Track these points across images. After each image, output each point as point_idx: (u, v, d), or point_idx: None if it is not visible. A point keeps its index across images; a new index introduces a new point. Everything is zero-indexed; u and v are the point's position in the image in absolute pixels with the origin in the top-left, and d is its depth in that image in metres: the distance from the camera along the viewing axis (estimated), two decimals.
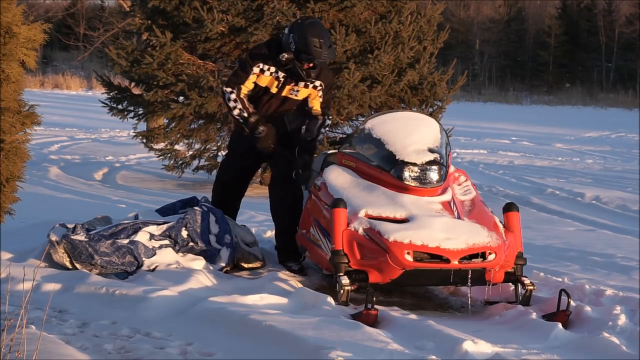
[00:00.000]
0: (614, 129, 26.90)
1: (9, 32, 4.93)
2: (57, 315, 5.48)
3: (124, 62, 11.99)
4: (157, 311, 5.55)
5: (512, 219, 6.28)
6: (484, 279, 5.99)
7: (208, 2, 11.64)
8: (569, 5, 52.00)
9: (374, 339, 4.86)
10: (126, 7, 17.29)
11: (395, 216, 6.06)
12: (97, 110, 17.96)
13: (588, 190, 12.79)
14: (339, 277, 5.90)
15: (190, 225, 6.68)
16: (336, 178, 6.51)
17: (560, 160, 18.46)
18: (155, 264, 6.47)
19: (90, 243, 6.43)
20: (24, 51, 4.99)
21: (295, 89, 6.89)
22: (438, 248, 5.80)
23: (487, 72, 51.21)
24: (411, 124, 6.62)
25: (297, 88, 6.88)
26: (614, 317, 5.53)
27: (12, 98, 4.97)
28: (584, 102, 42.02)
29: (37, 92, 33.82)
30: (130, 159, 16.17)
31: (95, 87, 34.92)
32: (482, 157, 18.47)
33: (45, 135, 18.84)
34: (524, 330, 5.45)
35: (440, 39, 12.42)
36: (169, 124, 12.75)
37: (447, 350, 4.82)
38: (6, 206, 5.10)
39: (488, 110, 36.32)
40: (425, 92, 12.11)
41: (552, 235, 9.33)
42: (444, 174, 6.38)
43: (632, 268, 7.54)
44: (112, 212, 7.81)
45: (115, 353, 4.80)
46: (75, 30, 38.90)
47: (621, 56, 49.10)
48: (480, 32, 52.11)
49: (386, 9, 12.05)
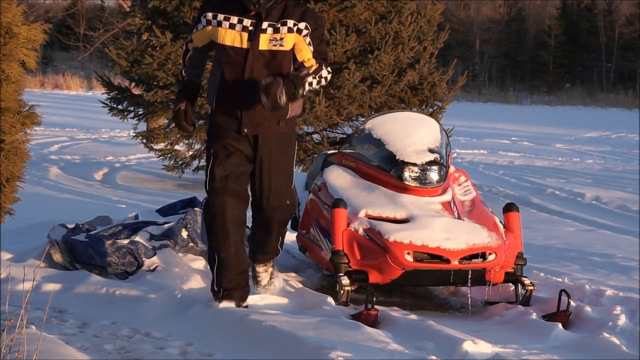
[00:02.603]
0: (614, 129, 26.89)
1: (9, 32, 4.93)
2: (57, 315, 5.48)
3: (124, 62, 12.00)
4: (157, 311, 5.55)
5: (512, 219, 6.28)
6: (484, 279, 5.99)
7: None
8: (569, 5, 51.99)
9: (374, 339, 4.86)
10: (126, 7, 17.30)
11: (396, 216, 6.06)
12: (97, 111, 17.96)
13: (588, 191, 12.78)
14: (339, 277, 5.90)
15: (191, 225, 6.68)
16: (336, 178, 6.51)
17: (560, 160, 18.45)
18: (155, 264, 6.47)
19: (90, 243, 6.43)
20: (24, 51, 4.99)
21: (278, 37, 5.22)
22: (438, 248, 5.80)
23: (487, 72, 51.19)
24: (411, 124, 6.62)
25: (279, 35, 5.22)
26: (614, 317, 5.52)
27: (12, 98, 4.97)
28: (584, 102, 42.01)
29: (37, 92, 33.81)
30: (130, 159, 16.16)
31: (96, 87, 34.90)
32: (482, 157, 18.46)
33: (45, 136, 18.83)
34: (524, 330, 5.45)
35: (440, 39, 12.42)
36: (169, 124, 12.75)
37: (447, 350, 4.82)
38: (6, 206, 5.10)
39: (488, 110, 36.30)
40: (426, 92, 12.11)
41: (552, 236, 9.32)
42: (444, 174, 6.38)
43: (632, 268, 7.53)
44: (112, 212, 7.81)
45: (115, 353, 4.80)
46: (76, 30, 38.88)
47: (621, 56, 49.08)
48: (480, 32, 52.09)
49: (386, 9, 12.05)
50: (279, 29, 5.21)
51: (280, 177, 5.42)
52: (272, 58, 5.24)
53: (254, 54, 5.22)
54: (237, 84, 5.23)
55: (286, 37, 5.22)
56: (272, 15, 5.23)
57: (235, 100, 5.28)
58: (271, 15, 5.23)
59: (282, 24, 5.22)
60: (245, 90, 5.22)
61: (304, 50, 5.28)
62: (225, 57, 5.26)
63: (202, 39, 5.39)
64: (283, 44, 5.22)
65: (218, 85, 5.33)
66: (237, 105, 5.28)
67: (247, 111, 5.26)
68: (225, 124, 5.35)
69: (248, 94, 5.21)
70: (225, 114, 5.33)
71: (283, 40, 5.21)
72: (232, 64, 5.25)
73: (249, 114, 5.27)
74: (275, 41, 5.21)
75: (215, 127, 5.40)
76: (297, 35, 5.25)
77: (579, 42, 50.24)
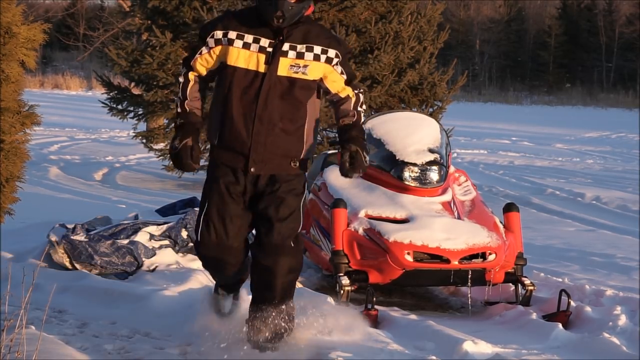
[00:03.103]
0: (614, 129, 26.88)
1: (9, 32, 4.93)
2: (57, 315, 5.47)
3: (124, 62, 12.00)
4: (157, 311, 5.55)
5: (512, 219, 6.28)
6: (484, 279, 5.99)
7: (208, 2, 11.65)
8: (569, 5, 51.98)
9: (374, 339, 4.86)
10: (126, 7, 17.29)
11: (395, 216, 6.06)
12: (97, 111, 17.95)
13: (588, 191, 12.78)
14: (339, 277, 5.90)
15: (191, 225, 6.68)
16: (336, 178, 6.50)
17: (560, 160, 18.45)
18: (155, 264, 6.47)
19: (90, 243, 6.43)
20: (24, 51, 4.98)
21: (301, 64, 4.47)
22: (438, 248, 5.80)
23: (487, 72, 51.19)
24: (411, 124, 6.62)
25: (303, 62, 4.48)
26: (614, 317, 5.53)
27: (12, 98, 4.97)
28: (584, 102, 42.01)
29: (37, 92, 33.80)
30: (130, 159, 16.16)
31: (95, 87, 34.89)
32: (482, 157, 18.46)
33: (45, 136, 18.83)
34: (524, 330, 5.45)
35: (440, 39, 12.43)
36: (169, 124, 12.75)
37: (447, 350, 4.82)
38: (6, 206, 5.09)
39: (488, 110, 36.30)
40: (426, 92, 12.12)
41: (552, 236, 9.32)
42: (444, 174, 6.38)
43: (632, 268, 7.53)
44: (112, 212, 7.81)
45: (115, 353, 4.79)
46: (75, 30, 38.89)
47: (621, 56, 49.07)
48: (480, 32, 52.09)
49: (386, 9, 12.06)
50: (303, 55, 4.45)
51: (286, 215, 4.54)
52: (289, 87, 4.45)
53: (271, 79, 4.43)
54: (248, 114, 4.44)
55: (311, 65, 4.47)
56: (294, 36, 4.46)
57: (244, 134, 4.46)
58: (292, 36, 4.46)
59: (307, 49, 4.46)
60: (257, 122, 4.44)
61: (337, 81, 4.58)
62: (237, 82, 4.45)
63: (210, 64, 4.56)
64: (306, 72, 4.45)
65: (223, 116, 4.50)
66: (245, 139, 4.47)
67: (257, 148, 4.47)
68: (229, 161, 4.54)
69: (260, 126, 4.45)
70: (231, 150, 4.52)
71: (307, 68, 4.45)
72: (244, 90, 4.45)
73: (258, 151, 4.47)
74: (297, 68, 4.44)
75: (216, 165, 4.60)
76: (327, 66, 4.52)
77: (579, 42, 50.24)
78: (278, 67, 4.43)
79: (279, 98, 4.45)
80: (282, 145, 4.50)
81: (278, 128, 4.47)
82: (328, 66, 4.53)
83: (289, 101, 4.47)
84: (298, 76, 4.45)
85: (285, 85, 4.45)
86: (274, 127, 4.45)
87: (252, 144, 4.46)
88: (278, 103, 4.45)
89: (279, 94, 4.45)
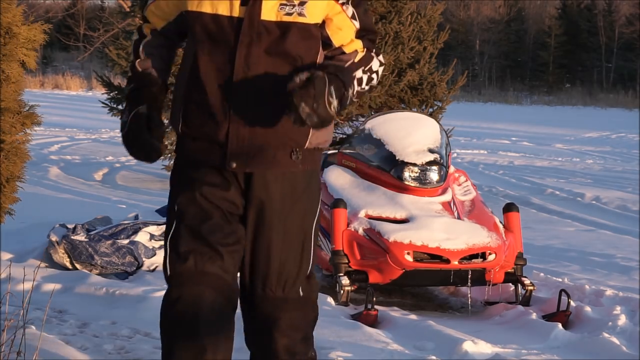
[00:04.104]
0: (614, 129, 26.88)
1: (9, 32, 4.93)
2: (57, 315, 5.48)
3: (124, 62, 12.01)
4: (157, 311, 5.50)
5: (512, 219, 6.29)
6: (484, 279, 5.99)
7: None
8: (569, 5, 52.02)
9: (374, 339, 4.87)
10: (126, 7, 17.29)
11: (395, 216, 6.06)
12: (97, 111, 17.96)
13: (588, 191, 12.78)
14: (339, 277, 5.90)
15: None
16: (336, 178, 6.51)
17: (560, 160, 18.45)
18: (155, 264, 6.47)
19: (90, 243, 6.43)
20: (24, 51, 4.99)
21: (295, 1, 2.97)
22: (438, 248, 5.81)
23: (487, 72, 51.22)
24: (411, 125, 6.63)
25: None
26: (614, 317, 5.53)
27: (12, 98, 4.97)
28: (584, 102, 42.03)
29: (37, 92, 33.82)
30: (130, 159, 16.12)
31: (95, 88, 34.92)
32: (482, 157, 18.46)
33: (45, 136, 18.83)
34: (524, 330, 5.45)
35: (440, 39, 12.42)
36: (169, 125, 12.73)
37: (447, 350, 4.82)
38: (6, 206, 5.10)
39: (488, 110, 36.31)
40: (425, 92, 12.11)
41: (552, 236, 9.32)
42: (444, 174, 6.39)
43: (632, 268, 7.53)
44: (112, 212, 7.82)
45: (115, 353, 4.79)
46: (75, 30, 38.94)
47: (621, 56, 49.12)
48: (480, 32, 52.10)
49: (386, 9, 12.05)
50: None
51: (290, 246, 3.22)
52: (281, 36, 2.97)
53: (253, 27, 2.95)
54: (221, 82, 2.99)
55: (310, 1, 2.99)
56: None
57: (218, 111, 3.01)
58: None
59: None
60: (235, 91, 2.98)
61: (344, 29, 3.05)
62: (203, 36, 3.00)
63: (166, 12, 3.14)
64: (304, 13, 2.97)
65: (189, 88, 3.06)
66: (219, 121, 3.01)
67: (238, 132, 3.00)
68: (199, 154, 3.10)
69: (240, 98, 2.99)
70: (200, 139, 3.08)
71: (305, 6, 2.97)
72: (213, 46, 3.00)
73: (240, 137, 3.00)
74: (290, 7, 2.96)
75: (183, 162, 3.19)
76: (332, 3, 3.02)
77: (579, 42, 50.28)
78: (262, 7, 2.95)
79: (266, 54, 2.97)
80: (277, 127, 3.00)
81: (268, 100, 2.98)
82: (334, 4, 3.03)
83: (282, 57, 2.99)
84: (292, 19, 2.96)
85: (275, 35, 2.97)
86: (261, 99, 2.97)
87: (230, 126, 2.99)
88: (265, 62, 2.97)
89: (265, 49, 2.97)
